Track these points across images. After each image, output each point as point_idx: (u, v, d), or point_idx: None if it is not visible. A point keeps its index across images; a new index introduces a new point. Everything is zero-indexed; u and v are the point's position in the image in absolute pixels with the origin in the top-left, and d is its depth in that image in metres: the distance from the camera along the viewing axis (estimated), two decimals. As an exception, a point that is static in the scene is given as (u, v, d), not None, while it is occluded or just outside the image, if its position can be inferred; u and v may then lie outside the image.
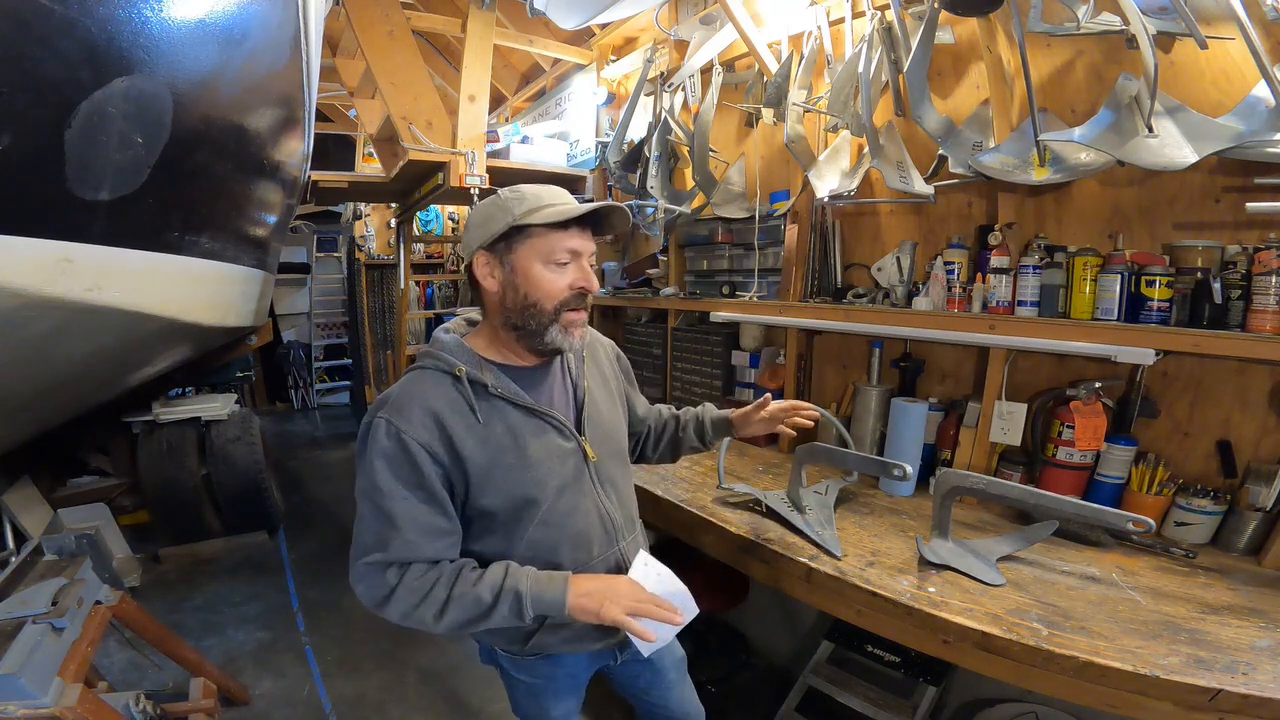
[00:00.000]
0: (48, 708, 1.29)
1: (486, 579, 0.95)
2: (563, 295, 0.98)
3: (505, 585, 0.94)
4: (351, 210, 6.24)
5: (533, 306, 0.97)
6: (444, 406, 0.95)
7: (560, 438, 1.04)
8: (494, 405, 0.99)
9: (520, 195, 0.97)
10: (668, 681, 1.32)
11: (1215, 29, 1.27)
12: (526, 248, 0.96)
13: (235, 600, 2.92)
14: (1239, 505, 1.34)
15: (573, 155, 3.54)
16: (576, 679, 1.22)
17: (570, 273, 0.98)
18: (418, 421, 0.93)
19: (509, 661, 1.16)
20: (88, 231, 1.10)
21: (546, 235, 0.96)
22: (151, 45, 1.11)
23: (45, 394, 1.76)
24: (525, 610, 0.94)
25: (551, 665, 1.16)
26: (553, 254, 0.96)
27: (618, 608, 0.94)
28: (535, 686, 1.18)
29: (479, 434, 0.96)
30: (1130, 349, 1.33)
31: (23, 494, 2.84)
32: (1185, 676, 0.92)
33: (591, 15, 2.31)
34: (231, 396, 3.63)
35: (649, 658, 1.27)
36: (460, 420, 0.96)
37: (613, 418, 1.17)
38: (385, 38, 2.95)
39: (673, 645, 1.34)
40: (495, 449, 0.97)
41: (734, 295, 2.36)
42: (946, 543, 1.36)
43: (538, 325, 0.98)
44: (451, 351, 1.00)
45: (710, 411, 1.38)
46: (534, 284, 0.97)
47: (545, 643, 1.09)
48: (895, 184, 1.70)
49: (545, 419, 1.03)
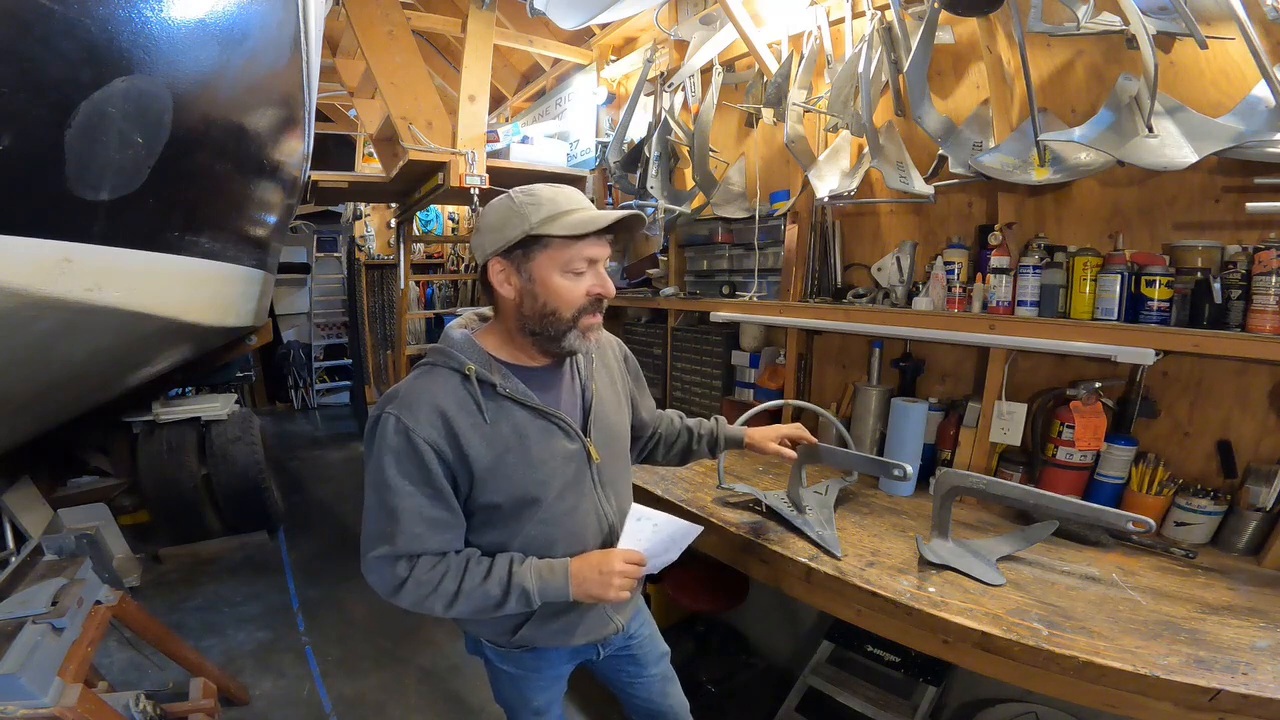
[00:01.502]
0: (48, 708, 1.29)
1: (494, 574, 0.98)
2: (582, 303, 0.99)
3: (513, 582, 0.98)
4: (351, 210, 6.24)
5: (552, 315, 0.98)
6: (451, 405, 0.96)
7: (566, 439, 1.05)
8: (501, 405, 1.00)
9: (536, 200, 0.96)
10: (651, 674, 1.33)
11: (1215, 29, 1.27)
12: (545, 257, 0.96)
13: (235, 600, 2.92)
14: (1239, 505, 1.34)
15: (573, 155, 3.54)
16: (558, 670, 1.24)
17: (588, 279, 0.99)
18: (425, 419, 0.94)
19: (493, 652, 1.19)
20: (88, 232, 1.10)
21: (566, 245, 0.95)
22: (151, 45, 1.11)
23: (45, 394, 1.76)
24: (533, 602, 0.99)
25: (535, 657, 1.18)
26: (571, 264, 0.97)
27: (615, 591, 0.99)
28: (518, 677, 1.21)
29: (485, 433, 0.97)
30: (1130, 349, 1.33)
31: (23, 494, 2.84)
32: (1185, 676, 0.92)
33: (591, 15, 2.31)
34: (231, 396, 3.63)
35: (633, 652, 1.30)
36: (467, 419, 0.96)
37: (618, 419, 1.18)
38: (385, 38, 2.95)
39: (655, 641, 1.36)
40: (501, 449, 0.98)
41: (734, 295, 2.36)
42: (946, 543, 1.36)
43: (556, 331, 0.99)
44: (462, 349, 1.01)
45: (725, 429, 1.41)
46: (553, 293, 0.97)
47: (531, 636, 1.11)
48: (895, 184, 1.70)
49: (552, 420, 1.03)
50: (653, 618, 1.39)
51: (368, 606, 2.84)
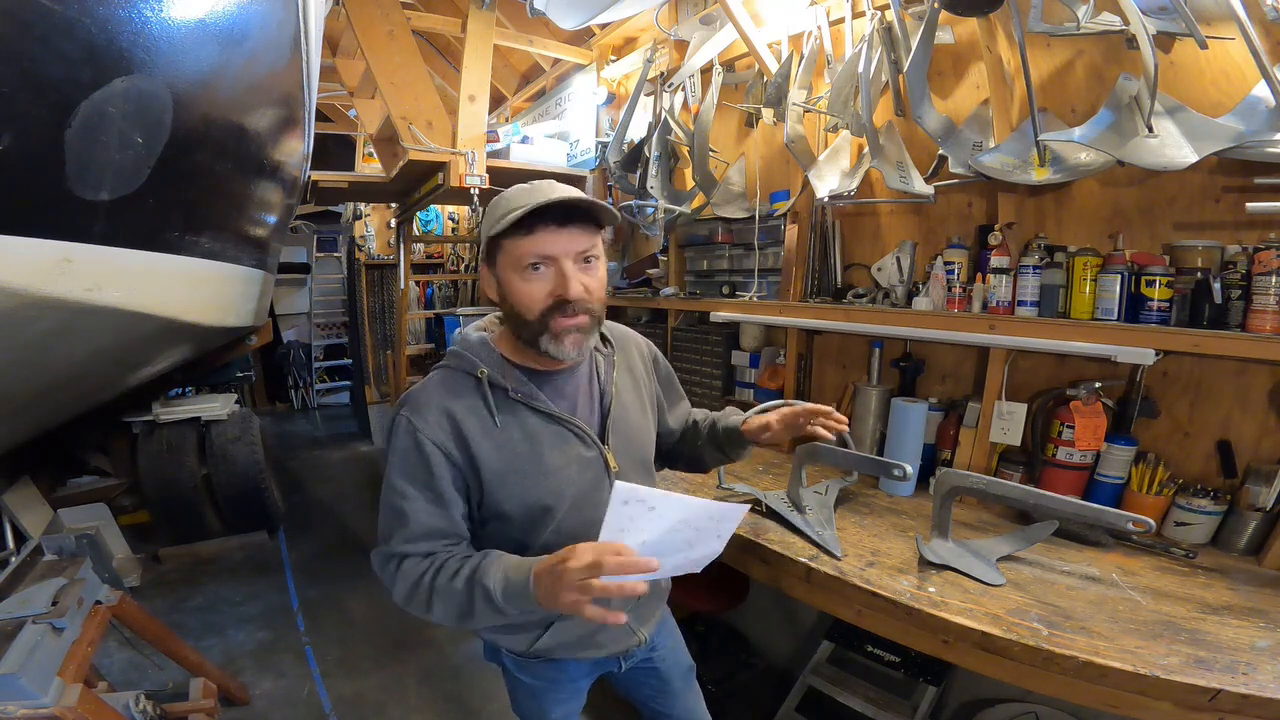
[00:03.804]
0: (48, 708, 1.29)
1: (462, 572, 0.89)
2: (543, 304, 0.91)
3: (475, 579, 0.87)
4: (351, 210, 6.23)
5: (519, 318, 0.94)
6: (461, 408, 0.94)
7: (582, 446, 1.01)
8: (514, 410, 0.97)
9: (503, 199, 0.93)
10: (674, 690, 1.29)
11: (1215, 29, 1.27)
12: (503, 259, 0.93)
13: (235, 600, 2.93)
14: (1239, 505, 1.34)
15: (573, 155, 3.54)
16: (578, 684, 1.20)
17: (549, 280, 0.91)
18: (434, 421, 0.93)
19: (512, 662, 1.16)
20: (88, 231, 1.10)
21: (515, 242, 0.90)
22: (151, 45, 1.11)
23: (45, 394, 1.76)
24: (498, 605, 0.85)
25: (554, 669, 1.15)
26: (520, 261, 0.90)
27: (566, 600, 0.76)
28: (536, 688, 1.17)
29: (496, 438, 0.95)
30: (1130, 349, 1.33)
31: (23, 494, 2.84)
32: (1185, 676, 0.92)
33: (591, 15, 2.31)
34: (231, 396, 3.63)
35: (655, 666, 1.25)
36: (477, 423, 0.94)
37: (641, 425, 1.13)
38: (385, 38, 2.95)
39: (680, 654, 1.32)
40: (511, 454, 0.95)
41: (734, 295, 2.36)
42: (946, 543, 1.36)
43: (530, 335, 0.94)
44: (476, 352, 0.99)
45: (724, 419, 1.24)
46: (514, 294, 0.93)
47: (549, 647, 1.08)
48: (895, 184, 1.70)
49: (567, 426, 1.00)
50: (678, 628, 1.34)
51: (368, 606, 2.84)
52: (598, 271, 0.96)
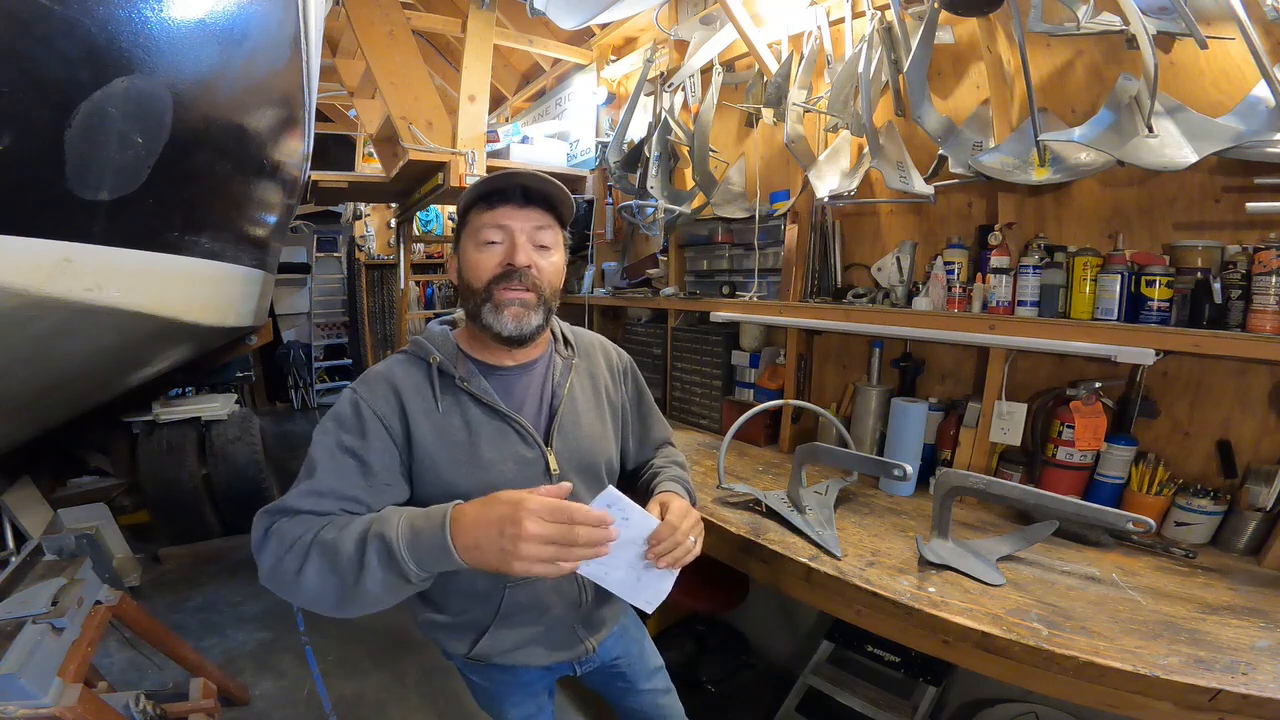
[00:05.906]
0: (48, 708, 1.29)
1: (352, 527, 0.79)
2: (493, 272, 0.95)
3: (369, 531, 0.77)
4: (351, 210, 6.24)
5: (468, 288, 0.98)
6: (408, 387, 0.96)
7: (522, 444, 0.99)
8: (457, 398, 0.98)
9: (474, 183, 0.98)
10: (642, 690, 1.27)
11: (1215, 29, 1.27)
12: (465, 235, 0.99)
13: (235, 600, 2.92)
14: (1239, 505, 1.34)
15: (573, 155, 3.54)
16: (532, 686, 1.17)
17: (501, 252, 0.96)
18: (380, 393, 0.95)
19: (459, 662, 1.12)
20: (88, 231, 1.10)
21: (478, 216, 0.96)
22: (151, 45, 1.11)
23: (45, 394, 1.76)
24: (402, 563, 0.75)
25: (503, 672, 1.11)
26: (479, 233, 0.96)
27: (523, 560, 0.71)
28: (488, 690, 1.15)
29: (436, 421, 0.95)
30: (1130, 349, 1.33)
31: (23, 494, 2.84)
32: (1185, 676, 0.92)
33: (591, 15, 2.31)
34: (231, 396, 3.63)
35: (622, 670, 1.23)
36: (420, 404, 0.96)
37: (594, 432, 1.09)
38: (385, 38, 2.95)
39: (647, 656, 1.28)
40: (447, 442, 0.95)
41: (734, 295, 2.36)
42: (946, 543, 1.36)
43: (474, 307, 0.97)
44: (434, 340, 1.02)
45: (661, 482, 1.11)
46: (469, 265, 0.97)
47: (487, 652, 1.04)
48: (895, 184, 1.70)
49: (508, 422, 0.99)
50: (644, 628, 1.32)
51: (368, 606, 2.84)
52: (552, 258, 1.00)
